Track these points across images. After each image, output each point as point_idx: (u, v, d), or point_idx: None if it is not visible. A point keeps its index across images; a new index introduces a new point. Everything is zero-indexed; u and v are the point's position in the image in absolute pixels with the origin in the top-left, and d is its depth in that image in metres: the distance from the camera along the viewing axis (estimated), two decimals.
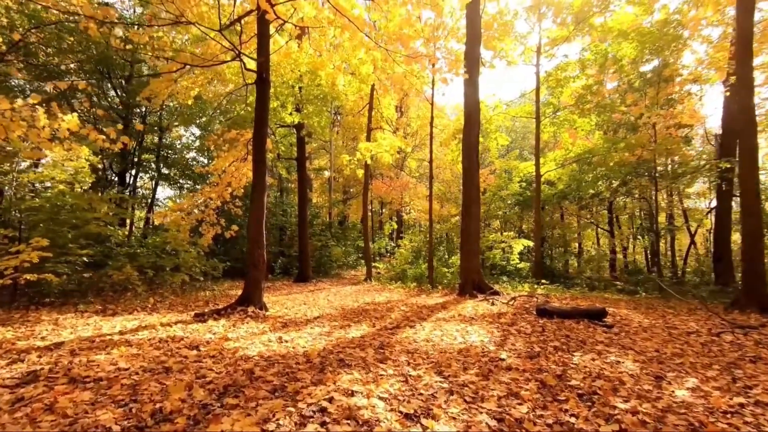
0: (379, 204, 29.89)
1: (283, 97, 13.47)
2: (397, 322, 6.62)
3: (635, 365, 4.24)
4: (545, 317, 6.89)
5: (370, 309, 8.24)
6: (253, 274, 7.31)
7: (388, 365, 4.16)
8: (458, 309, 8.08)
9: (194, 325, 5.96)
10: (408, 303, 9.27)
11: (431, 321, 6.73)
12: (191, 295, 9.80)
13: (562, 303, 8.90)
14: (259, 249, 7.36)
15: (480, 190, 11.50)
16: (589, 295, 11.06)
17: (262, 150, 7.55)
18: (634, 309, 8.26)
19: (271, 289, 12.36)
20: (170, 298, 9.00)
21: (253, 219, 7.45)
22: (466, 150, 11.50)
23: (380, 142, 12.50)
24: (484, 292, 10.79)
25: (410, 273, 14.62)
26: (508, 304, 8.48)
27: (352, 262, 21.85)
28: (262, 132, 7.56)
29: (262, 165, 7.52)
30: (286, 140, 16.72)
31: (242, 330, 5.76)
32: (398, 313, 7.60)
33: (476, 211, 11.33)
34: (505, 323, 6.46)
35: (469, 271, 11.04)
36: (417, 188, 22.66)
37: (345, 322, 6.74)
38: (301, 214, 15.41)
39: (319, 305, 8.93)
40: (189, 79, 11.63)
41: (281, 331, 5.88)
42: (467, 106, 11.50)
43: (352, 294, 11.55)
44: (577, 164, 15.28)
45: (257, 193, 7.48)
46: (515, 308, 8.01)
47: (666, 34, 13.78)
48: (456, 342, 5.22)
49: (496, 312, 7.59)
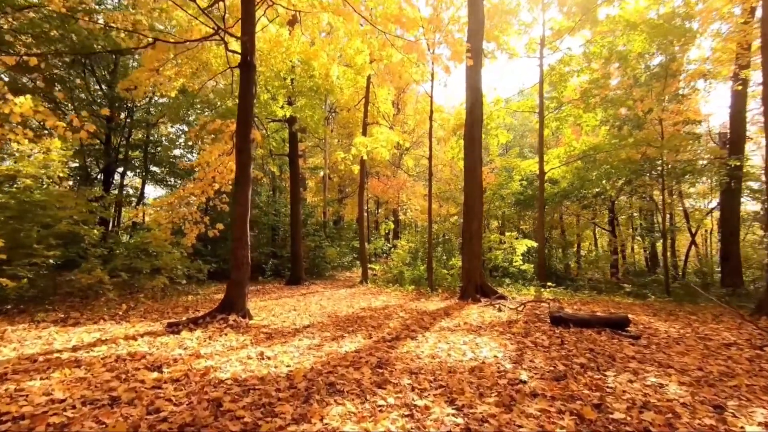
0: (375, 204, 29.17)
1: (273, 89, 12.71)
2: (396, 332, 5.90)
3: (682, 389, 3.55)
4: (561, 326, 6.20)
5: (366, 316, 7.51)
6: (236, 277, 6.56)
7: (388, 391, 3.44)
8: (463, 316, 7.37)
9: (164, 338, 5.20)
10: (407, 308, 8.55)
11: (435, 331, 6.01)
12: (171, 300, 9.01)
13: (574, 308, 8.23)
14: (243, 249, 6.61)
15: (483, 187, 10.84)
16: (598, 299, 10.40)
17: (247, 140, 6.80)
18: (653, 315, 7.59)
19: (260, 293, 11.59)
20: (147, 304, 8.22)
21: (237, 216, 6.70)
22: (468, 145, 10.81)
23: (377, 136, 11.78)
24: (488, 295, 10.11)
25: (407, 275, 13.90)
26: (517, 311, 7.78)
27: (347, 263, 21.09)
28: (246, 119, 6.82)
29: (246, 156, 6.78)
30: (278, 135, 15.94)
31: (219, 344, 5.01)
32: (397, 321, 6.88)
33: (479, 210, 10.64)
34: (517, 334, 5.75)
35: (472, 274, 10.34)
36: (414, 187, 21.98)
37: (338, 332, 6.01)
38: (294, 213, 14.64)
39: (310, 311, 8.19)
40: (172, 69, 10.87)
41: (264, 344, 5.14)
42: (469, 97, 10.80)
43: (346, 298, 10.81)
44: (581, 162, 14.64)
45: (241, 187, 6.73)
46: (526, 315, 7.31)
47: (675, 27, 13.19)
48: (466, 358, 4.50)
49: (505, 320, 6.89)
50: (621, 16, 13.11)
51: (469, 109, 10.85)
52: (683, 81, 14.72)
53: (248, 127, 6.80)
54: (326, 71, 12.11)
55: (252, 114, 6.93)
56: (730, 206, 14.34)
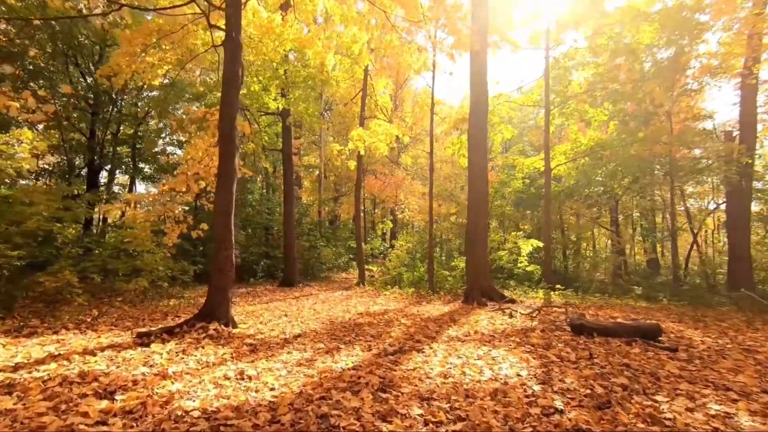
0: (372, 203, 28.44)
1: (265, 79, 11.97)
2: (399, 343, 5.19)
3: (756, 420, 2.87)
4: (583, 335, 5.53)
5: (364, 323, 6.80)
6: (218, 281, 5.83)
7: (395, 425, 2.73)
8: (471, 323, 6.68)
9: (130, 352, 4.46)
10: (408, 313, 7.85)
11: (443, 342, 5.31)
12: (151, 304, 8.25)
13: (589, 313, 7.57)
14: (227, 250, 5.89)
15: (488, 184, 10.16)
16: (611, 302, 9.74)
17: (231, 125, 6.08)
18: (678, 321, 6.94)
19: (250, 296, 10.84)
20: (122, 310, 7.45)
21: (219, 212, 5.97)
22: (472, 139, 10.13)
23: (375, 129, 11.08)
24: (494, 299, 9.43)
25: (407, 277, 13.20)
26: (530, 317, 7.10)
27: (343, 264, 20.34)
28: (231, 102, 6.09)
29: (230, 145, 6.05)
30: (270, 130, 15.19)
31: (193, 359, 4.28)
32: (399, 329, 6.17)
33: (484, 208, 9.97)
34: (537, 345, 5.06)
35: (477, 276, 9.66)
36: (412, 185, 21.30)
37: (333, 342, 5.29)
38: (287, 211, 13.90)
39: (302, 317, 7.47)
40: (155, 55, 10.11)
41: (247, 359, 4.42)
42: (474, 88, 10.14)
43: (342, 301, 10.10)
44: (588, 158, 14.02)
45: (224, 180, 6.01)
46: (541, 322, 6.62)
47: (687, 19, 12.62)
48: (484, 377, 3.81)
49: (519, 328, 6.20)
50: (631, 6, 12.51)
51: (474, 100, 10.18)
52: (692, 76, 14.18)
53: (233, 110, 6.08)
54: (322, 60, 11.40)
55: (237, 97, 6.21)
56: (740, 205, 13.80)
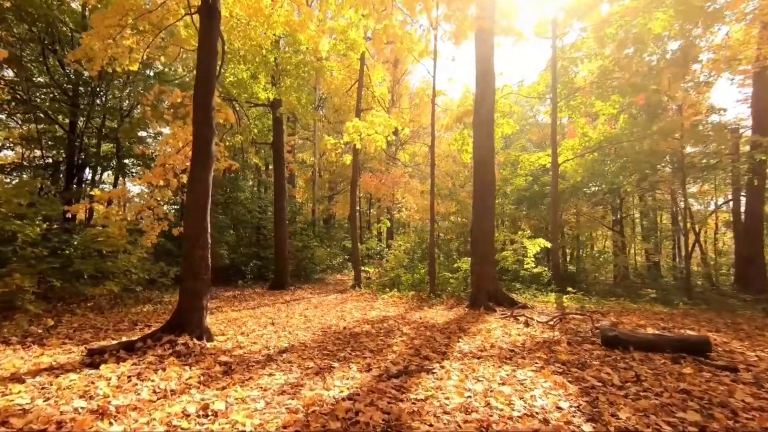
0: (367, 203, 27.59)
1: (254, 66, 11.10)
2: (403, 361, 4.37)
3: None
4: (618, 349, 4.74)
5: (360, 333, 5.97)
6: (191, 286, 4.97)
7: None
8: (483, 333, 5.86)
9: (71, 377, 3.60)
10: (410, 321, 7.03)
11: (455, 358, 4.49)
12: (120, 311, 7.35)
13: (610, 320, 6.79)
14: (201, 249, 5.04)
15: (495, 179, 9.38)
16: (629, 307, 8.97)
17: (208, 107, 5.23)
18: (716, 331, 6.17)
19: (236, 300, 9.97)
20: (85, 318, 6.56)
21: (192, 205, 5.12)
22: (478, 130, 9.35)
23: (372, 120, 10.25)
24: (503, 304, 8.64)
25: (405, 279, 12.38)
26: (549, 326, 6.30)
27: (337, 264, 19.47)
28: (207, 79, 5.25)
29: (205, 129, 5.20)
30: (260, 123, 14.31)
31: (149, 386, 3.42)
32: (402, 341, 5.35)
33: (491, 205, 9.17)
34: (569, 363, 4.26)
35: (483, 278, 8.87)
36: (411, 183, 20.49)
37: (325, 359, 4.46)
38: (278, 209, 13.02)
39: (291, 325, 6.62)
40: (131, 39, 9.22)
41: (217, 384, 3.57)
42: (480, 75, 9.34)
43: (337, 306, 9.26)
44: (597, 154, 13.29)
45: (198, 170, 5.16)
46: (562, 332, 5.83)
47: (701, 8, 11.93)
48: (516, 413, 2.99)
49: (540, 339, 5.39)
50: None
51: (480, 90, 9.39)
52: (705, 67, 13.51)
53: (210, 88, 5.23)
54: (315, 46, 10.57)
55: (215, 73, 5.36)
56: (752, 205, 13.18)
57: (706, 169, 13.70)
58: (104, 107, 16.09)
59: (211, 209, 14.56)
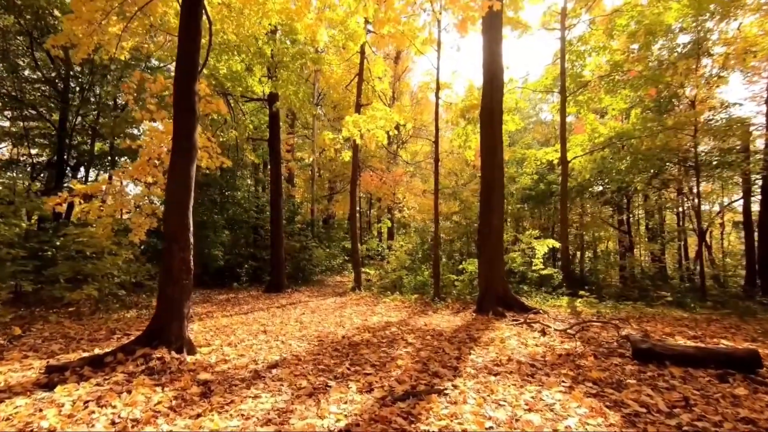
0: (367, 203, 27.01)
1: (248, 57, 10.55)
2: (409, 378, 3.81)
3: None
4: (653, 363, 4.17)
5: (361, 342, 5.41)
6: (169, 291, 4.41)
7: None
8: (496, 343, 5.29)
9: (16, 402, 3.04)
10: (414, 327, 6.47)
11: (469, 375, 3.93)
12: (101, 318, 6.78)
13: (632, 327, 6.23)
14: (182, 251, 4.48)
15: (504, 174, 8.82)
16: (646, 312, 8.40)
17: (189, 91, 4.68)
18: (752, 341, 5.60)
19: (230, 304, 9.41)
20: (60, 326, 6.00)
21: (172, 201, 4.57)
22: (486, 120, 8.79)
23: (373, 113, 9.69)
24: (513, 308, 8.07)
25: (407, 281, 11.82)
26: (568, 335, 5.72)
27: (337, 266, 18.91)
28: (190, 55, 4.70)
29: (187, 114, 4.65)
30: (257, 118, 13.76)
31: (107, 415, 2.86)
32: (407, 353, 4.79)
33: (499, 202, 8.62)
34: (602, 382, 3.69)
35: (492, 281, 8.30)
36: (412, 182, 19.94)
37: (320, 376, 3.90)
38: (275, 208, 12.46)
39: (285, 333, 6.06)
40: (117, 25, 8.67)
41: (192, 409, 3.02)
42: (488, 61, 8.80)
43: (335, 310, 8.70)
44: (607, 150, 12.73)
45: (179, 160, 4.60)
46: (585, 342, 5.25)
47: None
48: None
49: (561, 351, 4.82)
50: None
51: (487, 78, 8.84)
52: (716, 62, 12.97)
53: (191, 68, 4.68)
54: (313, 35, 10.01)
55: (198, 48, 4.80)
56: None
57: (721, 166, 13.12)
58: (98, 103, 15.50)
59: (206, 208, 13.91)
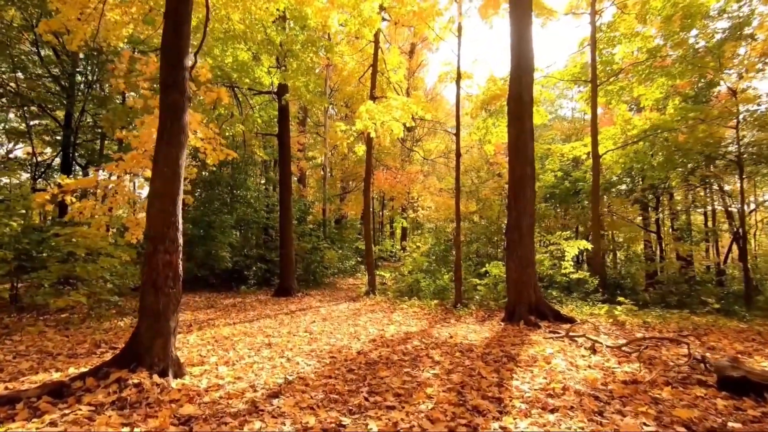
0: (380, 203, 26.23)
1: (255, 45, 9.88)
2: (443, 414, 3.02)
3: None
4: (749, 397, 3.30)
5: (379, 360, 4.63)
6: (151, 303, 3.69)
7: None
8: (541, 363, 4.44)
9: None
10: (439, 341, 5.67)
11: (520, 413, 3.10)
12: (89, 328, 6.13)
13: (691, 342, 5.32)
14: (167, 253, 3.76)
15: (535, 167, 7.96)
16: (697, 322, 7.43)
17: (178, 66, 3.97)
18: None
19: (235, 310, 8.73)
20: (40, 337, 5.36)
21: (156, 193, 3.85)
22: (514, 109, 7.93)
23: (389, 103, 8.92)
24: (547, 317, 7.22)
25: (425, 285, 11.00)
26: (624, 354, 4.84)
27: (349, 267, 18.18)
28: (178, 24, 3.99)
29: (175, 93, 3.94)
30: (265, 113, 13.11)
31: None
32: (434, 376, 3.99)
33: (530, 198, 7.75)
34: (692, 423, 2.84)
35: (523, 287, 7.45)
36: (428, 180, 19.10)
37: (331, 408, 3.13)
38: (284, 206, 11.77)
39: (292, 347, 5.32)
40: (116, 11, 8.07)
41: None
42: (516, 44, 7.94)
43: (349, 318, 7.95)
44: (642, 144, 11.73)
45: (166, 146, 3.90)
46: (647, 363, 4.37)
47: None
48: None
49: (624, 376, 3.96)
50: None
51: (516, 63, 7.99)
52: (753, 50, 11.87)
53: (180, 39, 3.97)
54: (324, 21, 9.31)
55: (188, 18, 4.09)
56: None
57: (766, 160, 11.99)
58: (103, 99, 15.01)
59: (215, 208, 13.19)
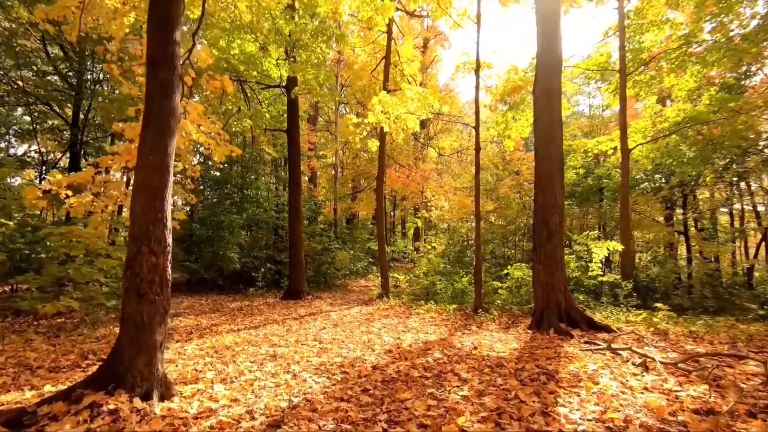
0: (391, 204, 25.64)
1: (263, 36, 9.40)
2: None
3: None
4: None
5: (398, 378, 4.05)
6: (133, 312, 3.17)
7: None
8: (586, 382, 3.81)
9: None
10: (462, 352, 5.06)
11: None
12: (80, 336, 5.68)
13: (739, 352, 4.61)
14: (153, 255, 3.24)
15: (564, 163, 7.29)
16: (747, 331, 6.69)
17: (167, 42, 3.46)
18: None
19: (241, 314, 8.24)
20: (25, 346, 4.92)
21: (140, 185, 3.34)
22: (542, 99, 7.29)
23: (404, 94, 8.35)
24: (578, 324, 6.56)
25: (442, 287, 10.39)
26: (682, 371, 4.17)
27: (361, 269, 17.62)
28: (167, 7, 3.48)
29: (164, 71, 3.42)
30: (274, 108, 12.64)
31: None
32: (463, 398, 3.39)
33: (560, 196, 7.08)
34: None
35: (551, 291, 6.80)
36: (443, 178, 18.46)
37: None
38: (293, 205, 11.26)
39: (299, 360, 4.77)
40: None
41: None
42: (543, 28, 7.30)
43: (362, 324, 7.39)
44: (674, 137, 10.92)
45: (152, 133, 3.38)
46: (713, 384, 3.70)
47: None
48: None
49: (693, 403, 3.30)
50: None
51: (543, 48, 7.34)
52: None
53: (171, 6, 3.45)
54: (335, 7, 8.78)
55: None
56: None
57: None
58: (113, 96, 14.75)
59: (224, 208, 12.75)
